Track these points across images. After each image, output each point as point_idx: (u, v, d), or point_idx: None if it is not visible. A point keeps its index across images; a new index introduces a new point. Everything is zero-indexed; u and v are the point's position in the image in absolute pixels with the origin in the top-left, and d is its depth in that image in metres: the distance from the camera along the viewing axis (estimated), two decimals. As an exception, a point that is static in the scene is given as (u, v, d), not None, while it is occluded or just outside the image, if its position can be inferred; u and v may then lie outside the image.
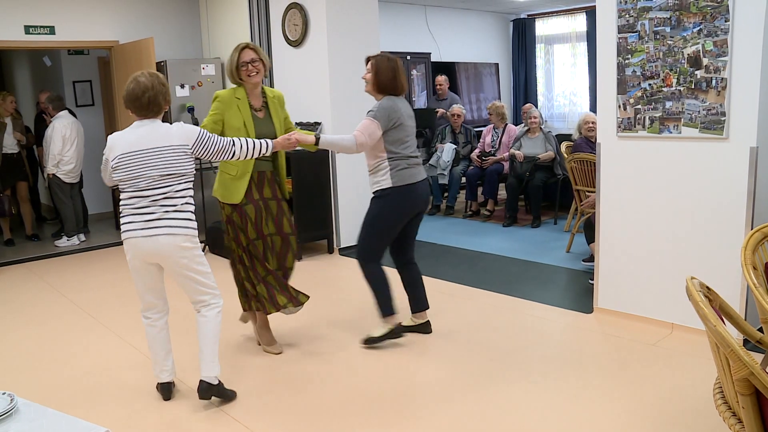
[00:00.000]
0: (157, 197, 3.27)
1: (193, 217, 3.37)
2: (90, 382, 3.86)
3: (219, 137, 3.48)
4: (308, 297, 4.21)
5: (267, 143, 3.65)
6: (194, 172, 3.41)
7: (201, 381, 3.45)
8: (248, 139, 3.61)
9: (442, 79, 9.50)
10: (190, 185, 3.37)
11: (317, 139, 3.95)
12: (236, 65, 4.01)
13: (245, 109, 4.04)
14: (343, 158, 6.66)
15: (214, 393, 3.47)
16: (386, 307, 4.18)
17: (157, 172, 3.25)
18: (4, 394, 2.33)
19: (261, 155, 3.68)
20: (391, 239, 4.18)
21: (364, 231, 4.17)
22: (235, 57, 4.01)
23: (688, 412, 3.22)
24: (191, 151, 3.34)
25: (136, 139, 3.29)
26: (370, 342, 4.22)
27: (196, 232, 3.37)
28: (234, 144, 3.51)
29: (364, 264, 4.15)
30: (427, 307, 4.39)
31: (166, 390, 3.59)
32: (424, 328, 4.41)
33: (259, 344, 4.28)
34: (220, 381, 3.49)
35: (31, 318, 5.11)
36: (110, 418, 3.39)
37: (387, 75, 4.02)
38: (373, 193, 4.15)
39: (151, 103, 3.32)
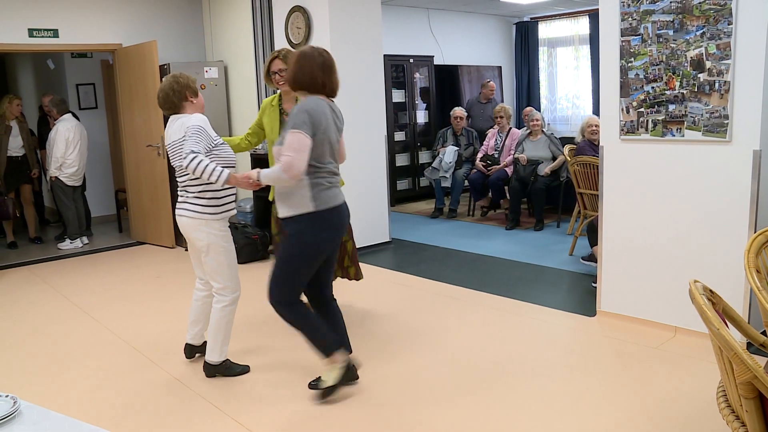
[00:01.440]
0: (181, 185, 3.71)
1: (210, 203, 3.65)
2: (93, 385, 3.86)
3: (193, 146, 3.41)
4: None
5: (219, 176, 3.39)
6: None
7: (204, 362, 3.87)
8: (209, 163, 3.38)
9: (493, 84, 9.79)
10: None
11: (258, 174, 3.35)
12: (266, 73, 4.30)
13: (274, 114, 4.32)
14: (346, 159, 6.64)
15: (219, 372, 3.85)
16: (327, 345, 3.48)
17: (175, 164, 3.66)
18: (7, 396, 2.33)
19: (208, 182, 3.52)
20: (311, 275, 3.44)
21: (279, 268, 3.40)
22: (266, 65, 4.30)
23: (691, 416, 3.21)
24: (184, 137, 3.57)
25: (167, 134, 3.75)
26: (328, 393, 3.50)
27: (217, 218, 3.67)
28: (190, 159, 3.38)
29: (282, 308, 3.41)
30: (350, 351, 3.69)
31: (187, 350, 4.11)
32: (349, 374, 3.61)
33: None
34: (227, 359, 3.86)
35: (34, 320, 5.11)
36: (113, 420, 3.40)
37: (302, 69, 3.31)
38: (285, 219, 3.39)
39: (164, 102, 3.70)
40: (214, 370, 3.84)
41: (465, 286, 5.50)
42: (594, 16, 10.63)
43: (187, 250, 7.18)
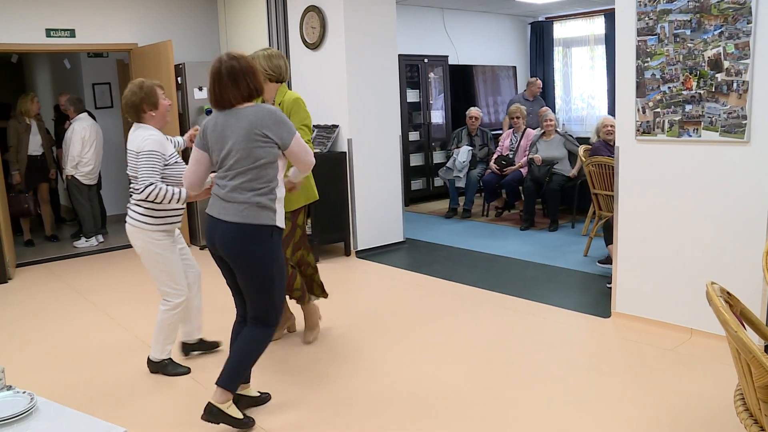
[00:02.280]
0: (131, 191, 3.75)
1: (149, 213, 3.70)
2: (108, 382, 3.88)
3: (147, 176, 3.55)
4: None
5: (180, 197, 3.63)
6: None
7: (148, 357, 4.01)
8: (166, 190, 3.58)
9: (540, 82, 9.72)
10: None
11: None
12: None
13: None
14: (361, 159, 6.66)
15: (159, 369, 3.95)
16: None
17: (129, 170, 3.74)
18: (24, 392, 2.35)
19: (175, 203, 3.69)
20: (229, 282, 3.35)
21: None
22: None
23: (707, 419, 3.18)
24: (139, 159, 3.63)
25: (128, 139, 3.78)
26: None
27: (154, 228, 3.71)
28: (148, 192, 3.55)
29: None
30: (223, 386, 3.17)
31: (181, 347, 4.20)
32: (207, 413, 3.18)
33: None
34: (169, 358, 3.95)
35: (50, 318, 5.15)
36: (128, 417, 3.41)
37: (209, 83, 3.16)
38: None
39: (125, 111, 3.77)
40: (155, 367, 3.96)
41: (479, 287, 5.49)
42: (610, 16, 10.58)
43: (201, 249, 7.23)
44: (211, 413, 3.16)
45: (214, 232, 3.14)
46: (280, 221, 3.18)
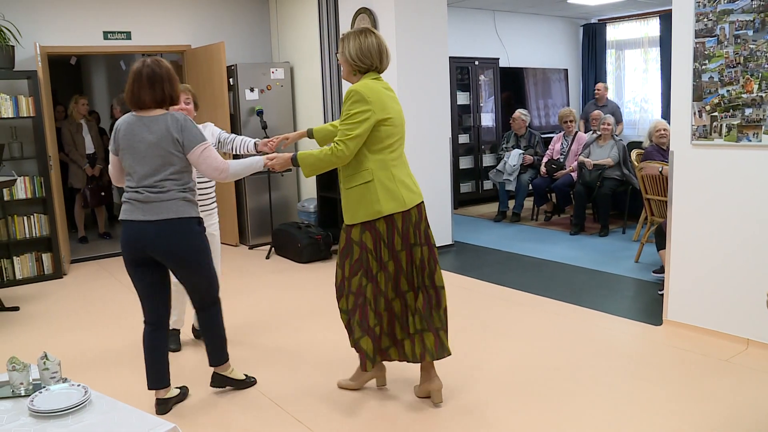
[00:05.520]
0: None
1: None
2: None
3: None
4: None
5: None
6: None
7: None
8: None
9: (601, 86, 9.53)
10: None
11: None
12: None
13: None
14: (410, 161, 6.61)
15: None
16: (147, 377, 3.52)
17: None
18: (78, 385, 2.41)
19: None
20: (139, 288, 3.53)
21: None
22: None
23: (764, 432, 3.09)
24: None
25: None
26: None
27: None
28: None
29: None
30: (218, 364, 3.67)
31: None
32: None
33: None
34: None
35: (103, 313, 5.27)
36: (178, 414, 3.46)
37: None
38: None
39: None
40: None
41: (528, 291, 5.43)
42: (665, 18, 10.38)
43: (250, 248, 7.31)
44: (218, 380, 3.69)
45: (143, 236, 3.27)
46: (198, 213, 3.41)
